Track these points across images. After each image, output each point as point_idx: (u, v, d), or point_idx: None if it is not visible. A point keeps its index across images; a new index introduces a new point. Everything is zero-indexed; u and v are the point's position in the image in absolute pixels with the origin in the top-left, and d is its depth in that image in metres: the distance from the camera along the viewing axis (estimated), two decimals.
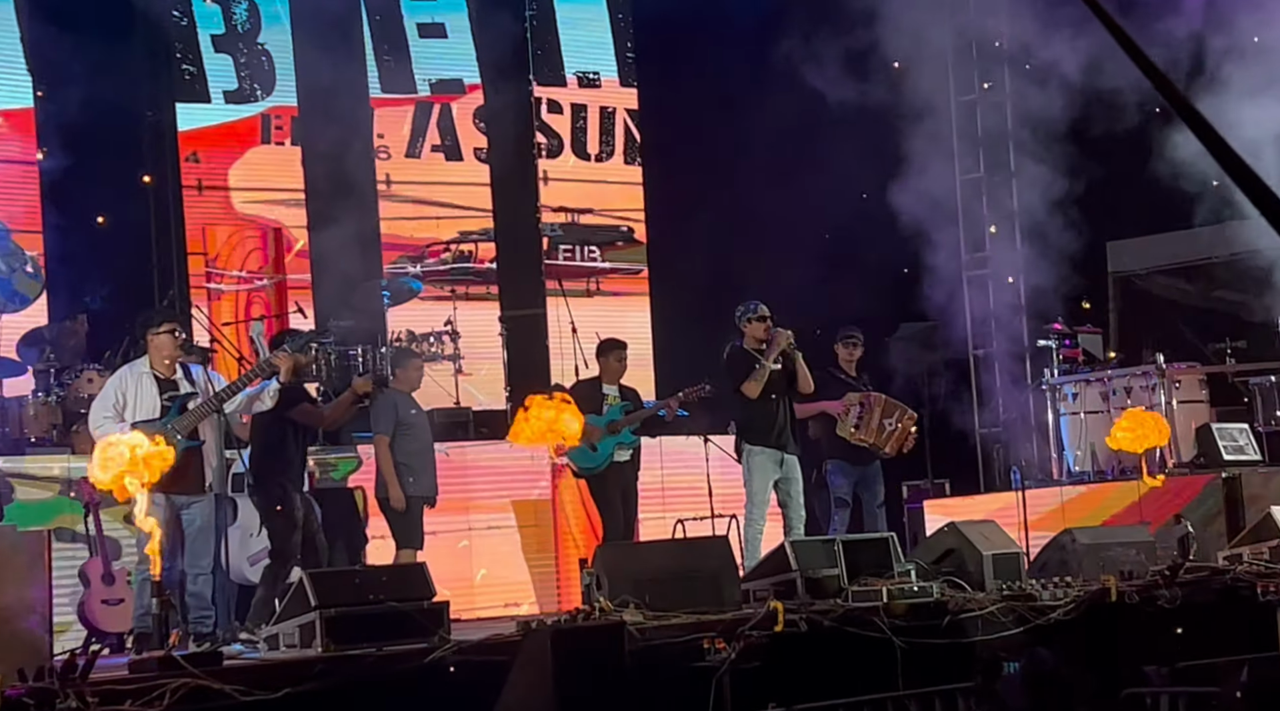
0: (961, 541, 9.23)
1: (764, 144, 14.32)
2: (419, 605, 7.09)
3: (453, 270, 14.39)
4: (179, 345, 8.33)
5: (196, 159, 13.41)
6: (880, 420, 10.98)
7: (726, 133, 14.70)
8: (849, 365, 11.40)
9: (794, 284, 12.89)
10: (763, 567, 8.88)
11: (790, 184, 14.29)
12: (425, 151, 14.41)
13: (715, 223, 14.13)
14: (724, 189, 14.45)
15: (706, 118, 14.72)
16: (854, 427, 10.95)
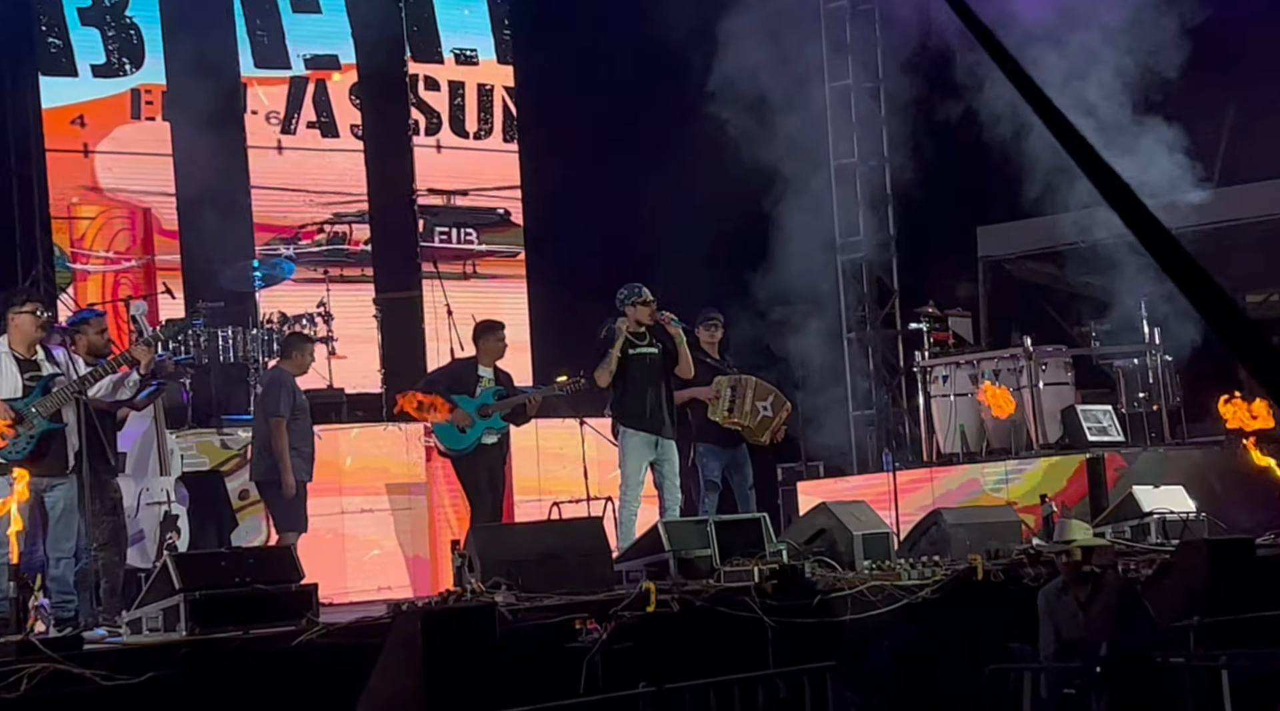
0: (832, 521, 9.33)
1: (642, 124, 14.33)
2: (286, 587, 7.01)
3: (326, 252, 14.22)
4: (41, 325, 8.13)
5: (83, 123, 13.12)
6: (753, 403, 10.99)
7: (605, 113, 14.67)
8: (710, 347, 11.40)
9: (670, 266, 12.93)
10: (636, 549, 8.90)
11: (667, 165, 14.32)
12: (301, 128, 14.21)
13: (593, 205, 14.11)
14: (602, 170, 14.42)
15: (584, 98, 14.68)
16: (728, 411, 10.95)
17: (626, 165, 14.38)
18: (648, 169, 14.36)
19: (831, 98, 15.15)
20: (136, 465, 9.00)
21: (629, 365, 10.35)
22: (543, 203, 15.05)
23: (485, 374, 10.56)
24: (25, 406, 7.95)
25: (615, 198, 14.20)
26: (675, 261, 13.17)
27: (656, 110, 14.06)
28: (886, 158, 15.11)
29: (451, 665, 6.91)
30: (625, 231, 13.81)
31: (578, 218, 14.20)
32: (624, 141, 14.47)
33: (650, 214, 14.24)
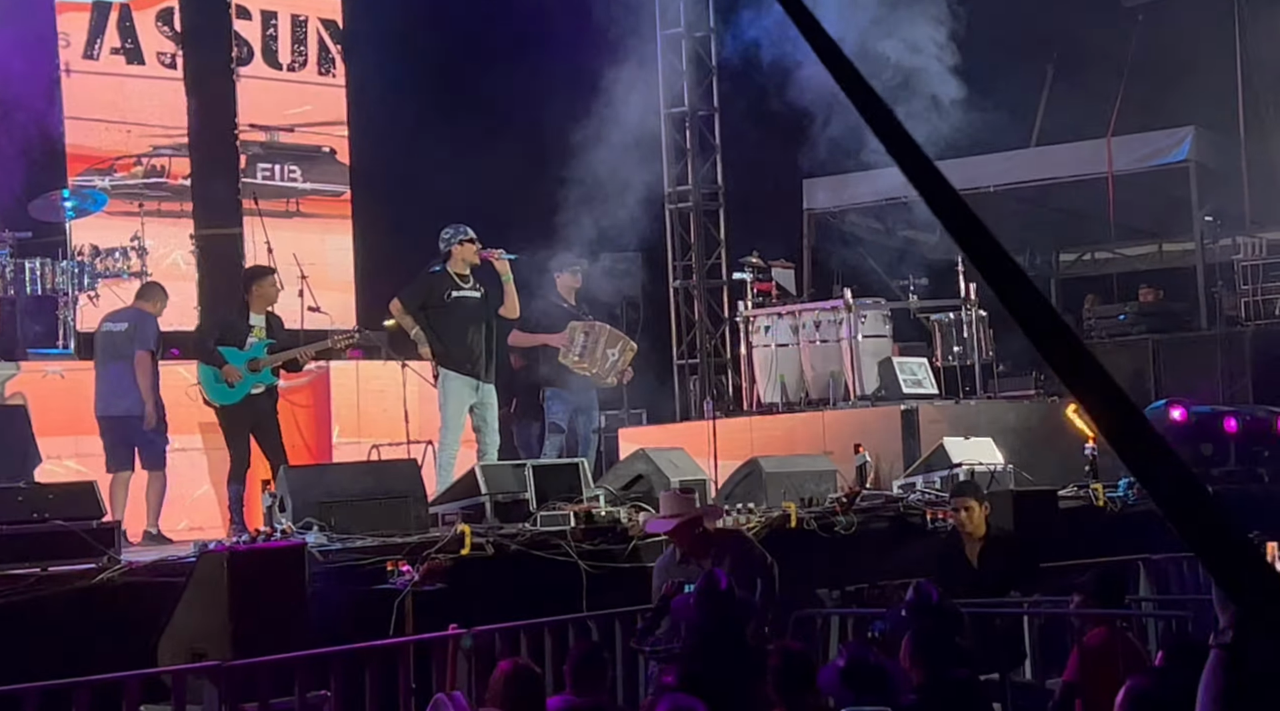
0: (650, 467, 9.37)
1: (471, 61, 14.16)
2: (88, 524, 6.82)
3: (144, 185, 13.83)
4: None
5: None
6: (604, 350, 10.99)
7: (432, 46, 14.46)
8: (569, 293, 11.38)
9: (500, 207, 12.83)
10: (453, 491, 8.85)
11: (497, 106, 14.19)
12: (104, 54, 13.73)
13: (420, 142, 13.92)
14: (426, 109, 14.24)
15: (407, 30, 14.44)
16: (578, 356, 10.92)
17: (455, 103, 14.22)
18: (478, 108, 14.23)
19: (664, 45, 15.13)
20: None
21: (451, 308, 10.25)
22: (368, 140, 14.81)
23: (256, 321, 10.10)
24: None
25: (443, 137, 14.04)
26: (504, 205, 13.08)
27: (487, 47, 13.90)
28: (717, 108, 15.14)
29: (258, 605, 6.79)
30: (454, 169, 13.65)
31: (404, 156, 14.00)
32: (452, 79, 14.29)
33: (479, 153, 14.10)
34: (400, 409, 11.17)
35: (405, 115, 14.17)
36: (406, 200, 13.75)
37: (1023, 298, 1.32)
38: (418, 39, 14.19)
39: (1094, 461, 10.86)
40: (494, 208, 12.54)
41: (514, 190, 13.11)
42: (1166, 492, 1.29)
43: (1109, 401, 1.30)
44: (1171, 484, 1.28)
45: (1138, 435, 1.30)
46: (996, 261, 1.32)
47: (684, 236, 15.30)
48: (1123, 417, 1.30)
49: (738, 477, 10.23)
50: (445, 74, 14.17)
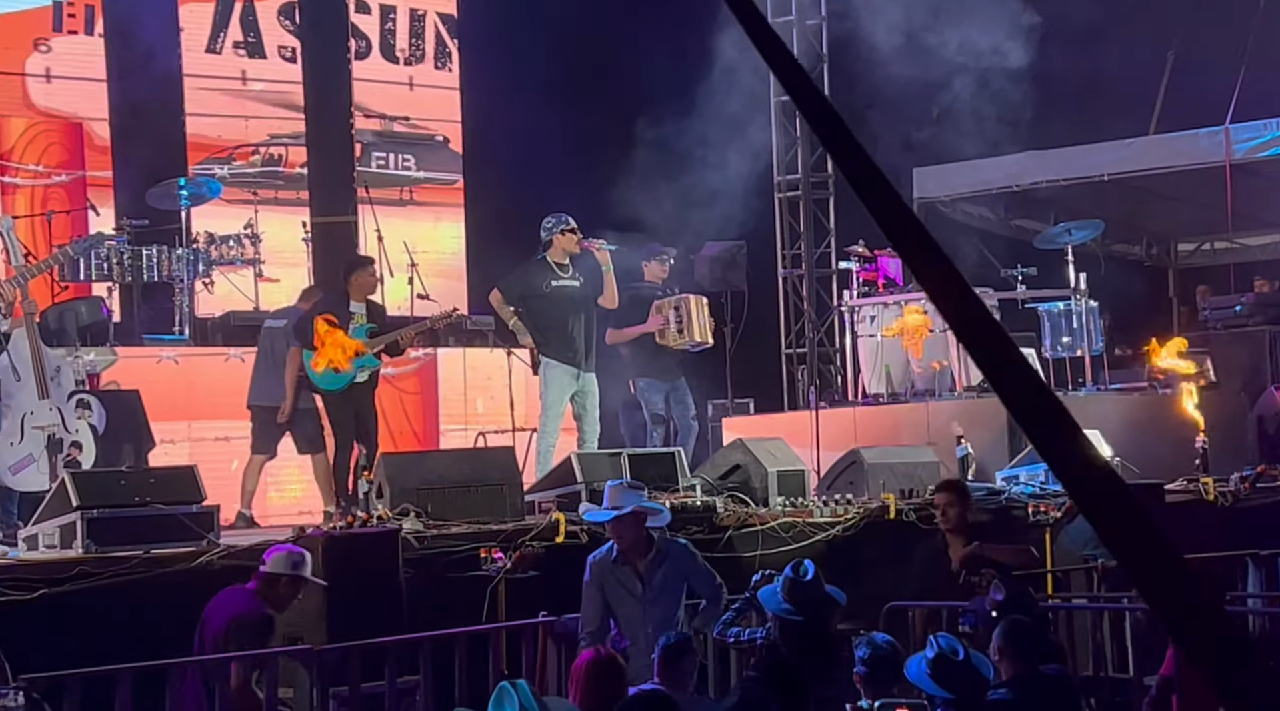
0: (748, 457, 9.37)
1: (583, 54, 14.22)
2: (187, 508, 6.98)
3: (261, 173, 14.10)
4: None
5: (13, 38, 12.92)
6: (696, 317, 10.96)
7: (542, 39, 14.55)
8: (657, 281, 11.39)
9: (607, 197, 12.89)
10: (549, 479, 8.92)
11: (609, 97, 14.26)
12: (226, 48, 14.02)
13: (530, 133, 14.02)
14: (540, 99, 14.33)
15: (523, 24, 14.55)
16: (677, 332, 10.90)
17: (567, 96, 14.29)
18: (588, 101, 14.30)
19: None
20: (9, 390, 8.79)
21: (551, 298, 10.32)
22: (481, 130, 14.95)
23: (357, 310, 10.22)
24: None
25: (554, 127, 14.12)
26: (613, 193, 13.13)
27: (597, 39, 13.96)
28: (828, 95, 15.05)
29: (352, 590, 6.92)
30: (563, 162, 13.74)
31: (516, 146, 14.10)
32: (565, 70, 14.36)
33: (588, 146, 14.18)
34: (506, 396, 11.30)
35: (517, 105, 14.28)
36: (517, 188, 13.86)
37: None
38: (531, 30, 14.28)
39: (1205, 455, 10.67)
40: (600, 196, 12.60)
41: (621, 179, 13.14)
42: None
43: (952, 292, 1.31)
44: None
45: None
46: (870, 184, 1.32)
47: (793, 225, 15.24)
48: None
49: (839, 468, 10.19)
50: (557, 64, 14.24)
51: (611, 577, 7.01)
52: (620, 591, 6.99)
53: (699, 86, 13.36)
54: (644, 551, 7.02)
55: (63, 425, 8.15)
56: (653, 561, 7.02)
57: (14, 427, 8.17)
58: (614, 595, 6.99)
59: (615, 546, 7.05)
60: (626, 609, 6.99)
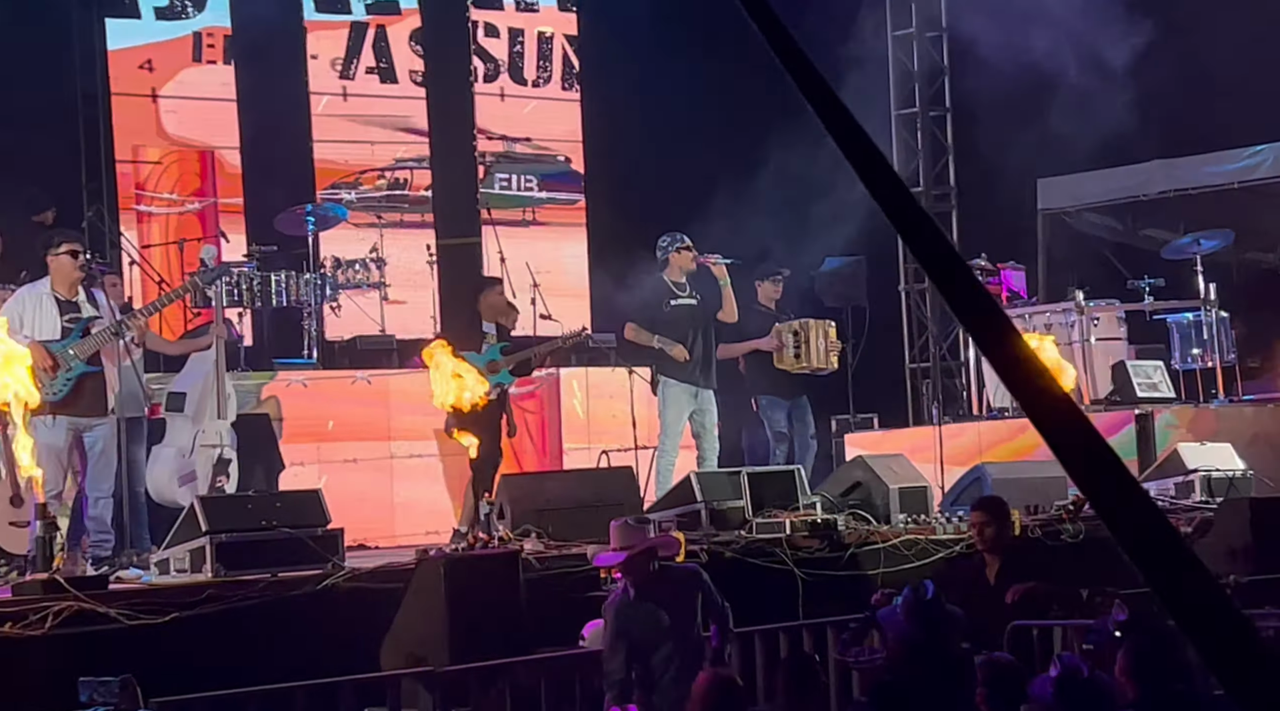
0: (869, 474, 9.32)
1: (704, 72, 14.26)
2: (313, 531, 7.11)
3: (387, 197, 14.33)
4: (80, 267, 8.26)
5: (150, 68, 13.27)
6: (815, 342, 10.98)
7: (665, 60, 14.61)
8: (770, 302, 11.39)
9: (728, 217, 12.90)
10: (668, 499, 8.94)
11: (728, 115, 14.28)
12: (359, 73, 14.28)
13: (652, 153, 14.09)
14: (662, 120, 14.40)
15: (646, 46, 14.62)
16: (794, 356, 10.92)
17: (688, 115, 14.34)
18: (709, 118, 14.33)
19: (895, 45, 15.00)
20: (196, 407, 9.13)
21: (670, 316, 10.36)
22: (603, 151, 15.04)
23: (488, 330, 10.46)
24: (62, 349, 8.09)
25: (675, 147, 14.17)
26: (733, 212, 13.14)
27: (718, 57, 13.96)
28: (949, 107, 14.95)
29: (474, 611, 7.00)
30: (684, 181, 13.77)
31: (637, 165, 14.18)
32: (686, 90, 14.40)
33: (709, 164, 14.20)
34: (629, 415, 11.37)
35: (639, 124, 14.36)
36: (638, 207, 13.93)
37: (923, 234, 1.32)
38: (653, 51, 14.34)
39: None
40: (720, 213, 12.61)
41: (741, 195, 13.15)
42: None
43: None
44: None
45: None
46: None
47: None
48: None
49: (963, 484, 10.10)
50: (677, 86, 14.29)
51: (636, 620, 6.71)
52: (649, 631, 6.68)
53: None
54: (659, 588, 6.76)
55: (224, 448, 8.41)
56: (670, 598, 6.77)
57: (188, 443, 8.43)
58: (643, 636, 6.66)
59: (629, 587, 6.77)
60: (657, 640, 6.68)
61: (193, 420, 8.94)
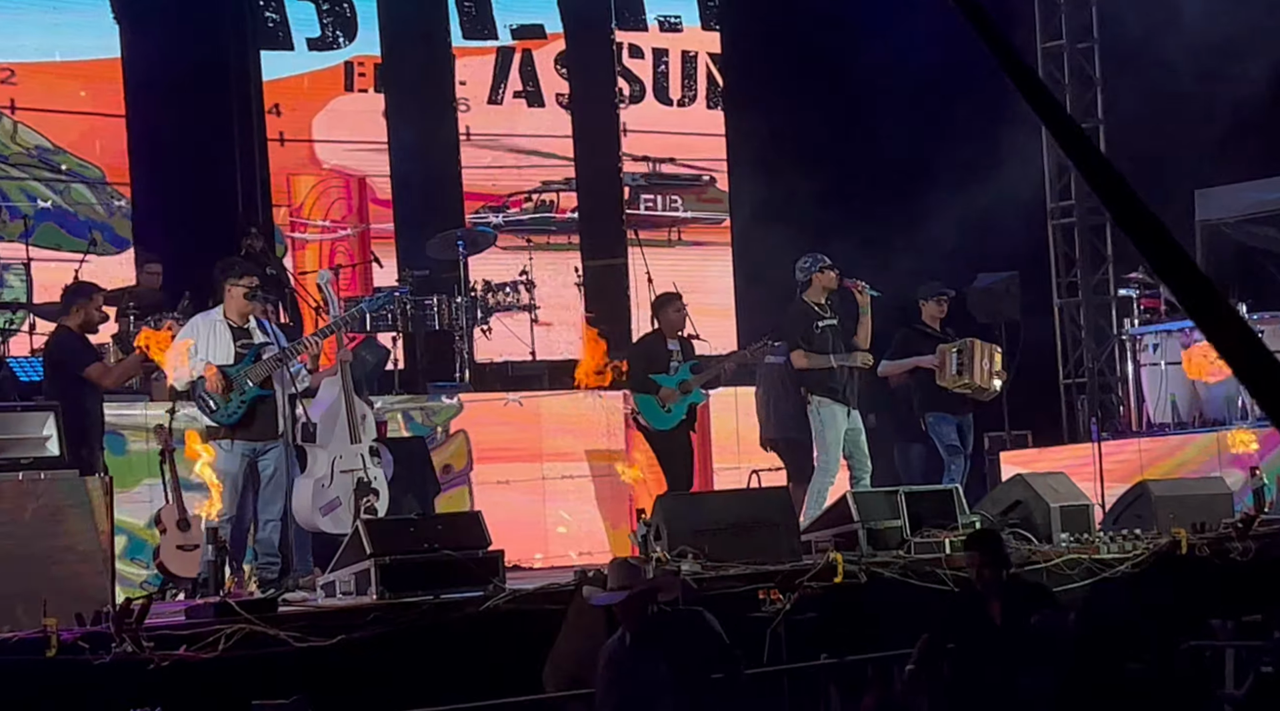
0: (1029, 493, 9.17)
1: (850, 91, 14.18)
2: (474, 553, 7.16)
3: (534, 219, 14.44)
4: (255, 297, 8.50)
5: (278, 112, 13.53)
6: (980, 362, 10.89)
7: (812, 79, 14.56)
8: (934, 321, 11.29)
9: (874, 232, 12.81)
10: (825, 519, 8.87)
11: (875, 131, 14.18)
12: (507, 98, 14.43)
13: (798, 171, 14.03)
14: (808, 137, 14.34)
15: (791, 64, 14.59)
16: (956, 374, 10.84)
17: (832, 130, 14.27)
18: (851, 133, 14.23)
19: (1044, 58, 14.79)
20: (328, 433, 9.22)
21: (821, 338, 10.32)
22: (748, 168, 15.01)
23: (673, 347, 10.62)
24: (237, 372, 8.31)
25: (821, 162, 14.10)
26: (881, 228, 13.04)
27: (865, 77, 13.89)
28: (1101, 119, 14.69)
29: None
30: (831, 196, 13.70)
31: (783, 183, 14.12)
32: (829, 107, 14.34)
33: (856, 178, 14.12)
34: None
35: (784, 143, 14.31)
36: (784, 226, 13.87)
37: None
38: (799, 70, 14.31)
39: None
40: (868, 232, 12.54)
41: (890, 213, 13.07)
42: None
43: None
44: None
45: None
46: None
47: (1068, 253, 14.88)
48: None
49: (1125, 502, 9.88)
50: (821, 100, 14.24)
51: (632, 670, 6.18)
52: (646, 683, 6.13)
53: (968, 113, 13.16)
54: (657, 632, 6.23)
55: (366, 470, 8.52)
56: (671, 638, 6.25)
57: (325, 471, 8.57)
58: (639, 690, 6.12)
59: (625, 634, 6.29)
60: (655, 694, 6.13)
61: (326, 448, 8.98)
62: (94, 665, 6.01)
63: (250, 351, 8.44)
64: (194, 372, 8.35)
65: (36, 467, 7.20)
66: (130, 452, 9.66)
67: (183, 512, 9.18)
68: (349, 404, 8.65)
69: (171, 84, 12.33)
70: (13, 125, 12.22)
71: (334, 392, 8.76)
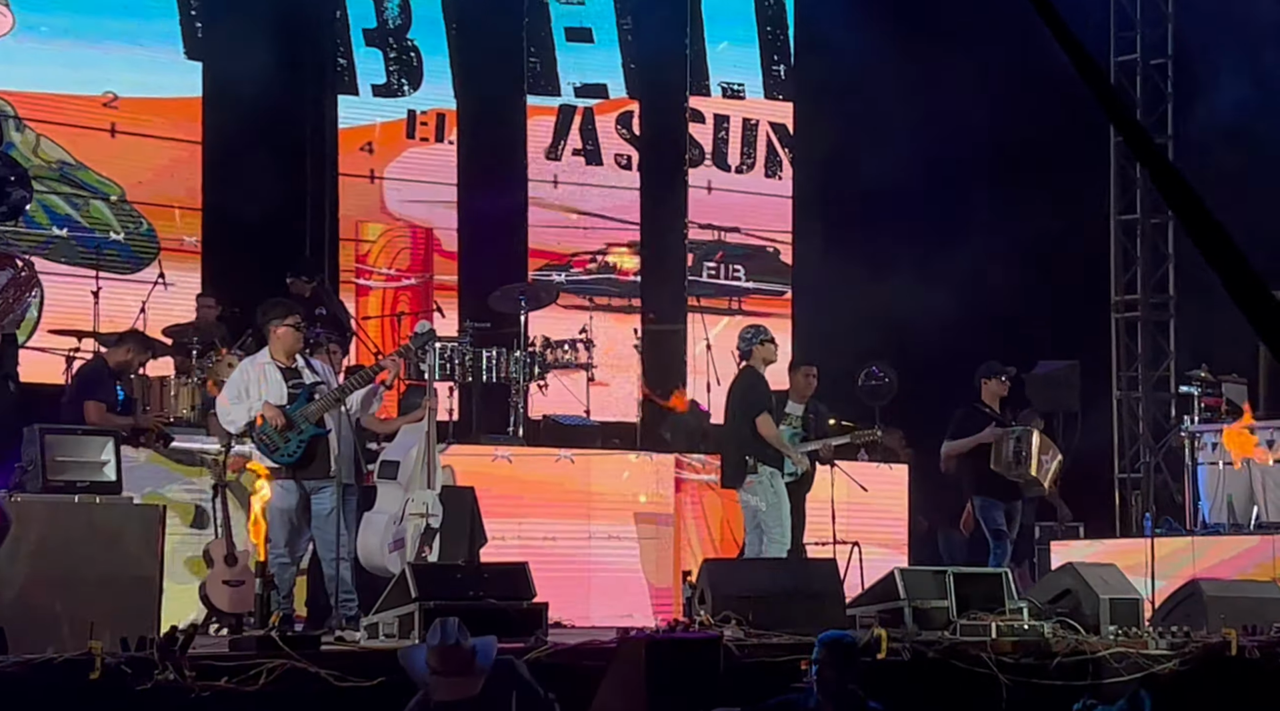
0: (1079, 583, 9.07)
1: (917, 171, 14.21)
2: (518, 604, 7.15)
3: (596, 280, 14.51)
4: (301, 336, 8.56)
5: (371, 149, 13.69)
6: (1038, 455, 10.86)
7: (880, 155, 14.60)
8: (994, 400, 11.24)
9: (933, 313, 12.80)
10: (870, 594, 8.82)
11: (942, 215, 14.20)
12: (566, 155, 14.53)
13: (860, 247, 14.06)
14: (874, 215, 14.38)
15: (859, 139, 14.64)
16: (1012, 460, 10.79)
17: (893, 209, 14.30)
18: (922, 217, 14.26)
19: (1116, 151, 14.79)
20: (407, 475, 9.30)
21: None
22: (812, 242, 15.04)
23: (794, 410, 10.60)
24: (293, 411, 8.37)
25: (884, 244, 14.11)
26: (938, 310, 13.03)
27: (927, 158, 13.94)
28: (1170, 214, 14.64)
29: (673, 695, 6.96)
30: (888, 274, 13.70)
31: (846, 259, 14.15)
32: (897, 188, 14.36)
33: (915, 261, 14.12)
34: (828, 508, 11.29)
35: (847, 220, 14.36)
36: (844, 301, 13.89)
37: None
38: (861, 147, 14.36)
39: None
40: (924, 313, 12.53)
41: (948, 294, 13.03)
42: None
43: None
44: None
45: None
46: None
47: (1129, 346, 14.81)
48: None
49: (1176, 599, 9.76)
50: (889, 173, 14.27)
51: None
52: None
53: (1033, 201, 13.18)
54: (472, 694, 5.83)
55: (431, 517, 8.59)
56: (481, 697, 5.85)
57: (398, 509, 8.65)
58: None
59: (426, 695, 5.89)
60: None
61: (404, 488, 9.10)
62: (135, 690, 6.04)
63: (302, 391, 8.50)
64: (250, 413, 8.44)
65: (93, 491, 7.28)
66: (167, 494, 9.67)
67: (231, 547, 9.22)
68: (430, 450, 8.75)
69: (248, 124, 12.51)
70: (35, 138, 12.38)
71: (414, 437, 8.88)
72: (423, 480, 9.02)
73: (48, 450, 7.42)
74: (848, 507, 11.47)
